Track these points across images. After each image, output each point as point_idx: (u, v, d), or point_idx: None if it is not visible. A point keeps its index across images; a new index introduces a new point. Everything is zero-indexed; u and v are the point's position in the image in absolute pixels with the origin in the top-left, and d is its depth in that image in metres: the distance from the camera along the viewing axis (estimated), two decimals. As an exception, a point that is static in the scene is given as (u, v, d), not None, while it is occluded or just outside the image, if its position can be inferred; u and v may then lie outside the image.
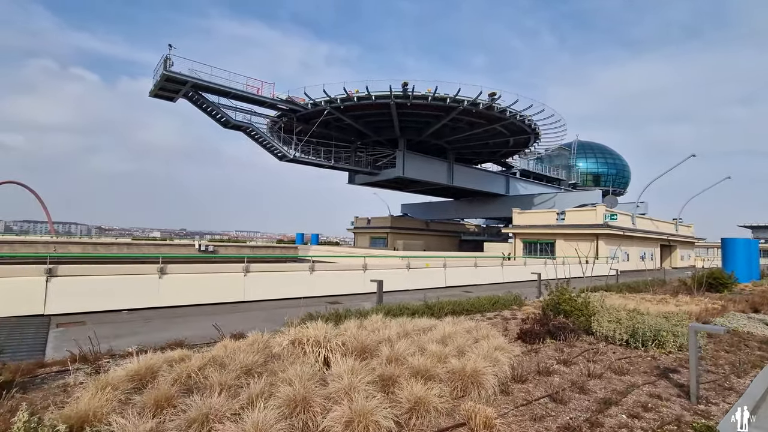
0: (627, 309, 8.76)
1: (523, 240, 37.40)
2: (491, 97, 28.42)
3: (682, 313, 8.71)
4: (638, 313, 8.10)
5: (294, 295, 12.84)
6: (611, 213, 31.73)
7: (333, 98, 28.92)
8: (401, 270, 16.19)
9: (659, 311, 8.99)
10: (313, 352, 4.48)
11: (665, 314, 8.22)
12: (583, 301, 7.31)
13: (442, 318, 7.82)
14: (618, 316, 7.14)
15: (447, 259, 18.59)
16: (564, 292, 7.64)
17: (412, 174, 36.55)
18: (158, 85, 26.18)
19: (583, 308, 7.10)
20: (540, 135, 36.36)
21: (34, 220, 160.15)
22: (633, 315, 7.65)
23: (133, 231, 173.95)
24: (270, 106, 30.39)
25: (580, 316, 7.04)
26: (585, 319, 7.01)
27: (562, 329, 6.49)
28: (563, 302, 7.30)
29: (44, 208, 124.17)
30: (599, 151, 64.07)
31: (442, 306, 8.73)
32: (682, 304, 11.32)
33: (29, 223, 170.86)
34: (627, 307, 8.93)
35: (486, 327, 6.69)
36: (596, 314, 7.01)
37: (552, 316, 7.36)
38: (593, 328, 6.82)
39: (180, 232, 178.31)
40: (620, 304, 10.19)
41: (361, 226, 57.98)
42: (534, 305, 10.42)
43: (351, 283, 14.22)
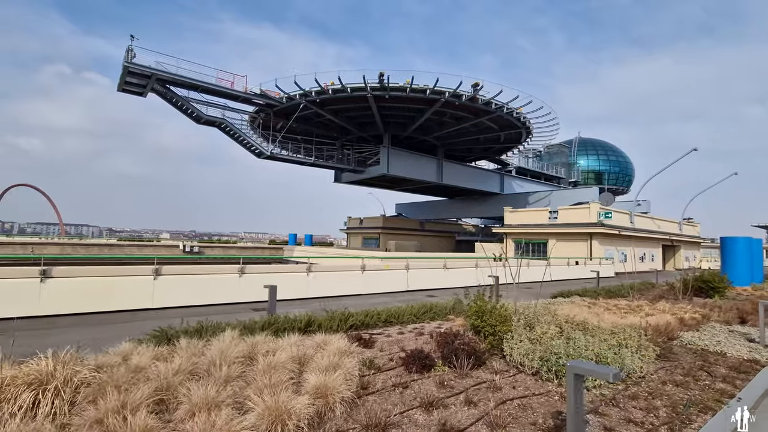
0: (573, 322, 7.18)
1: (515, 240, 35.61)
2: (474, 88, 26.79)
3: (639, 327, 7.09)
4: (584, 328, 6.52)
5: (221, 300, 11.46)
6: (606, 211, 29.84)
7: (307, 91, 27.52)
8: (354, 273, 14.68)
9: (616, 324, 7.37)
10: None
11: (621, 328, 6.62)
12: (499, 314, 5.71)
13: (334, 332, 6.31)
14: (544, 333, 5.56)
15: (410, 261, 17.04)
16: (479, 300, 6.07)
17: (397, 171, 34.99)
18: (122, 78, 25.04)
19: (497, 323, 5.52)
20: (532, 130, 34.55)
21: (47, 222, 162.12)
22: (573, 331, 6.07)
23: (143, 233, 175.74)
24: (244, 101, 29.11)
25: (490, 334, 5.47)
26: (496, 337, 5.44)
27: (456, 352, 4.92)
28: (476, 315, 5.74)
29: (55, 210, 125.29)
30: (601, 147, 61.86)
31: (348, 317, 7.20)
32: (655, 313, 9.65)
33: (42, 225, 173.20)
34: (574, 319, 7.34)
35: (359, 351, 5.17)
36: (511, 332, 5.42)
37: (465, 333, 5.81)
38: (505, 350, 5.23)
39: (190, 233, 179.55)
40: (575, 314, 8.58)
41: (353, 226, 56.55)
42: None
43: (291, 287, 12.76)
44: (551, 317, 7.20)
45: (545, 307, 8.65)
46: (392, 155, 34.67)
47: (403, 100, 28.18)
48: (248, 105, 30.73)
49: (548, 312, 8.14)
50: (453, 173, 39.76)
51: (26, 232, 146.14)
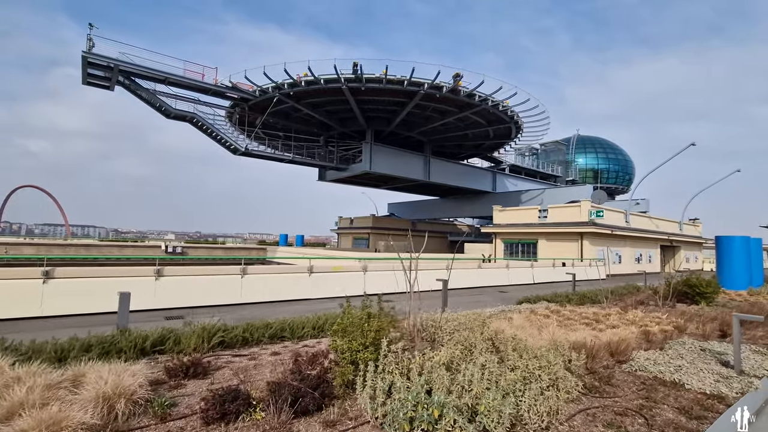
0: (498, 339, 5.72)
1: (504, 240, 34.00)
2: (455, 79, 25.30)
3: (585, 346, 5.61)
4: (502, 350, 5.06)
5: (137, 306, 10.07)
6: (597, 209, 28.16)
7: (280, 84, 26.16)
8: (300, 276, 13.27)
9: (555, 342, 5.88)
10: None
11: (557, 345, 5.15)
12: (374, 334, 4.23)
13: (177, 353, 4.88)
14: (433, 360, 4.09)
15: (369, 262, 15.61)
16: (363, 310, 4.62)
17: (380, 169, 33.53)
18: (84, 69, 23.84)
19: (360, 347, 4.05)
20: (522, 125, 32.97)
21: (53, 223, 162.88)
22: (482, 354, 4.61)
23: (148, 234, 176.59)
24: (215, 94, 27.81)
25: (349, 362, 4.01)
26: (356, 366, 3.97)
27: (281, 390, 3.47)
28: (342, 333, 4.28)
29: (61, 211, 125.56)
30: (600, 145, 60.02)
31: (215, 332, 5.77)
32: (621, 324, 8.13)
33: (49, 226, 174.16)
34: (503, 335, 5.87)
35: (170, 386, 3.71)
36: (378, 359, 3.95)
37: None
38: (357, 388, 3.76)
39: (194, 234, 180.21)
40: (517, 327, 7.10)
41: (344, 226, 55.17)
42: None
43: (222, 292, 11.38)
44: (470, 333, 5.73)
45: (479, 319, 7.17)
46: (375, 152, 33.24)
47: (381, 93, 26.75)
48: (223, 99, 29.44)
49: (480, 325, 6.67)
50: (441, 171, 38.24)
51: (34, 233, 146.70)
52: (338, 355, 4.11)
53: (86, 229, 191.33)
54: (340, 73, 24.47)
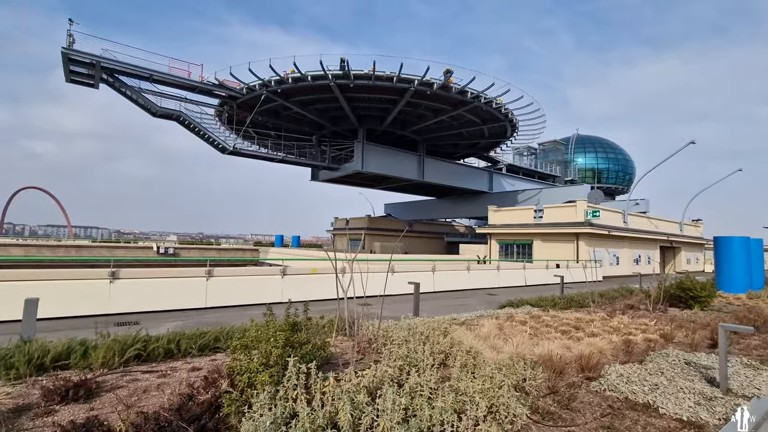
0: (455, 351, 5.05)
1: (499, 241, 33.25)
2: (446, 75, 24.62)
3: (550, 359, 4.93)
4: (446, 366, 4.38)
5: (88, 311, 9.47)
6: (593, 209, 27.39)
7: (267, 81, 25.55)
8: (272, 278, 12.61)
9: (517, 355, 5.20)
10: None
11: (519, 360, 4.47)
12: (279, 350, 3.54)
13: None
14: (352, 384, 3.42)
15: (347, 264, 14.93)
16: (269, 319, 3.94)
17: (373, 168, 32.88)
18: (65, 66, 23.32)
19: (259, 368, 3.37)
20: (517, 123, 32.26)
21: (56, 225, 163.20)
22: (426, 372, 3.93)
23: (151, 235, 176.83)
24: (202, 92, 27.25)
25: (247, 385, 3.33)
26: (249, 391, 3.29)
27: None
28: (242, 348, 3.60)
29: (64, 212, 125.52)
30: (600, 145, 59.17)
31: (127, 345, 5.09)
32: (602, 333, 7.44)
33: (53, 228, 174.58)
34: (462, 345, 5.19)
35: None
36: (275, 384, 3.26)
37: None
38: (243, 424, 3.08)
39: (197, 235, 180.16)
40: (485, 335, 6.42)
41: (340, 227, 54.49)
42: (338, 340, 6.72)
43: (184, 296, 10.73)
44: (420, 346, 5.05)
45: (441, 327, 6.47)
46: (368, 151, 32.59)
47: (371, 90, 26.10)
48: (211, 97, 28.88)
49: (440, 334, 5.98)
50: (436, 170, 37.55)
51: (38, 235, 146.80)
52: (235, 376, 3.43)
53: (89, 231, 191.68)
54: (327, 69, 23.84)
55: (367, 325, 6.63)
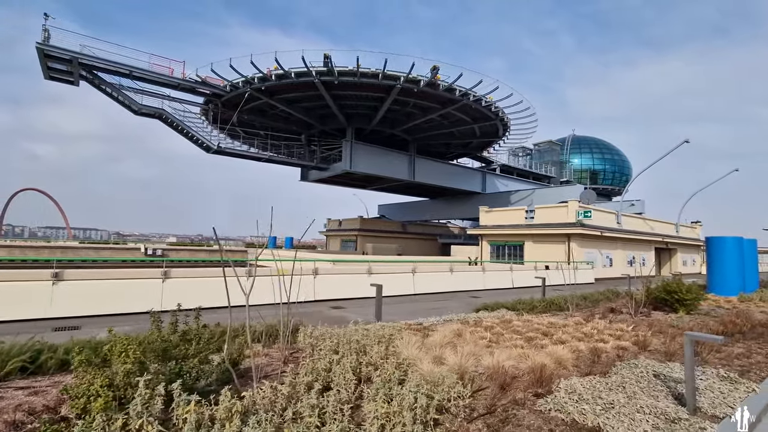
0: (386, 364, 4.42)
1: (490, 242, 32.60)
2: (432, 72, 24.03)
3: (497, 371, 4.29)
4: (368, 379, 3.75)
5: (27, 315, 8.85)
6: (585, 210, 26.76)
7: (250, 78, 24.95)
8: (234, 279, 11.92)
9: (459, 368, 4.58)
10: None
11: (456, 373, 3.84)
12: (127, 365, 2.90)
13: None
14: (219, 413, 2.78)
15: (321, 264, 14.35)
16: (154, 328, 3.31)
17: (362, 168, 32.26)
18: (42, 63, 22.74)
19: (98, 390, 2.73)
20: (508, 122, 31.65)
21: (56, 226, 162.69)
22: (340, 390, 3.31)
23: (151, 236, 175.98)
24: (184, 89, 26.64)
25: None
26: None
27: None
28: (82, 365, 2.96)
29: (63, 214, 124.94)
30: (596, 146, 58.60)
31: (9, 356, 4.46)
32: (571, 340, 6.80)
33: (52, 229, 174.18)
34: (397, 357, 4.56)
35: None
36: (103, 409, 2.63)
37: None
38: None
39: (196, 237, 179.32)
40: (432, 343, 5.79)
41: (333, 228, 53.82)
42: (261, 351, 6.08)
43: (139, 298, 10.09)
44: (349, 357, 4.41)
45: (382, 335, 5.82)
46: (356, 150, 31.98)
47: (357, 87, 25.50)
48: (195, 95, 28.28)
49: (380, 342, 5.34)
50: (427, 171, 36.93)
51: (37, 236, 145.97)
52: (70, 402, 2.79)
53: (88, 232, 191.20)
54: (310, 65, 23.25)
55: (307, 333, 5.98)
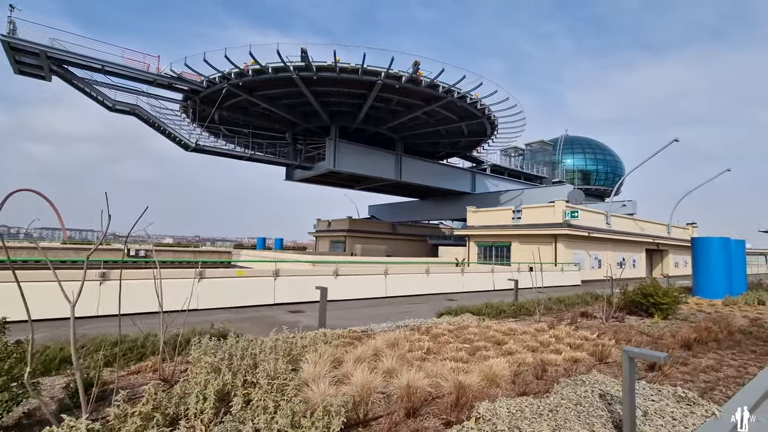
0: (268, 386, 3.65)
1: (478, 243, 31.90)
2: (414, 67, 23.34)
3: (410, 392, 3.55)
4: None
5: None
6: (572, 210, 26.09)
7: (227, 74, 24.21)
8: (188, 281, 11.17)
9: (364, 387, 3.82)
10: None
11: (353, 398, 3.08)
12: None
13: None
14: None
15: (283, 265, 13.60)
16: None
17: (346, 167, 31.53)
18: (10, 57, 21.93)
19: None
20: (495, 121, 30.98)
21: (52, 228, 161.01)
22: None
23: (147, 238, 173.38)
24: (160, 85, 25.84)
25: None
26: None
27: None
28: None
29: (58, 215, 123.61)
30: (588, 146, 58.07)
31: None
32: (522, 350, 6.08)
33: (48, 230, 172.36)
34: (285, 375, 3.79)
35: None
36: None
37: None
38: None
39: (193, 238, 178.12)
40: (356, 356, 5.04)
41: (322, 229, 53.05)
42: None
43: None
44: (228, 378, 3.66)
45: (291, 346, 5.06)
46: (340, 149, 31.24)
47: (337, 83, 24.79)
48: (173, 91, 27.46)
49: (287, 355, 4.59)
50: (414, 170, 36.22)
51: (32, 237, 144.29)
52: None
53: (85, 233, 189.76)
54: (287, 60, 22.50)
55: (203, 345, 5.20)
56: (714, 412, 4.01)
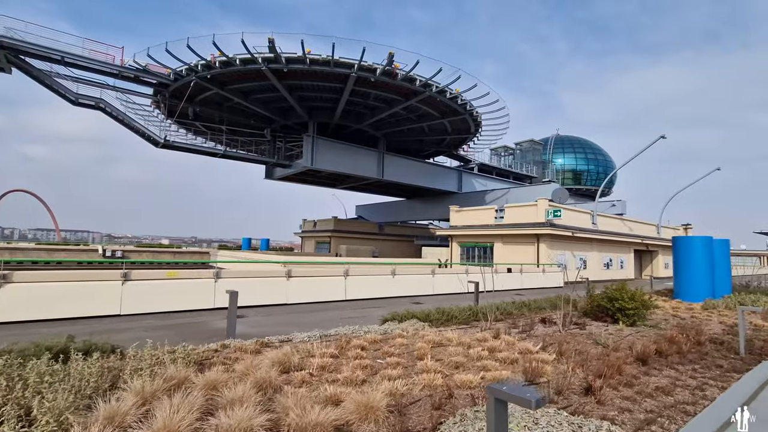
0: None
1: (461, 244, 30.89)
2: (389, 59, 22.32)
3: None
4: None
5: None
6: (554, 209, 25.11)
7: (193, 66, 23.12)
8: (113, 284, 10.10)
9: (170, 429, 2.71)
10: None
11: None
12: None
13: None
14: None
15: (229, 266, 12.53)
16: None
17: (325, 165, 30.46)
18: (-40, 47, 20.78)
19: None
20: (478, 117, 29.99)
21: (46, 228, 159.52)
22: None
23: (143, 239, 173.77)
24: (127, 78, 24.71)
25: None
26: None
27: None
28: None
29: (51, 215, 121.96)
30: (579, 145, 57.24)
31: None
32: (443, 369, 5.05)
33: (42, 231, 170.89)
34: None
35: None
36: None
37: None
38: None
39: (190, 239, 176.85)
40: (206, 380, 3.96)
41: (308, 229, 51.94)
42: None
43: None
44: None
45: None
46: (319, 146, 30.17)
47: (309, 75, 23.74)
48: (140, 85, 26.31)
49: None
50: (398, 168, 35.18)
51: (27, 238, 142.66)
52: None
53: (79, 234, 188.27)
54: (254, 51, 21.43)
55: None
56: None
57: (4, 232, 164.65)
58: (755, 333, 8.31)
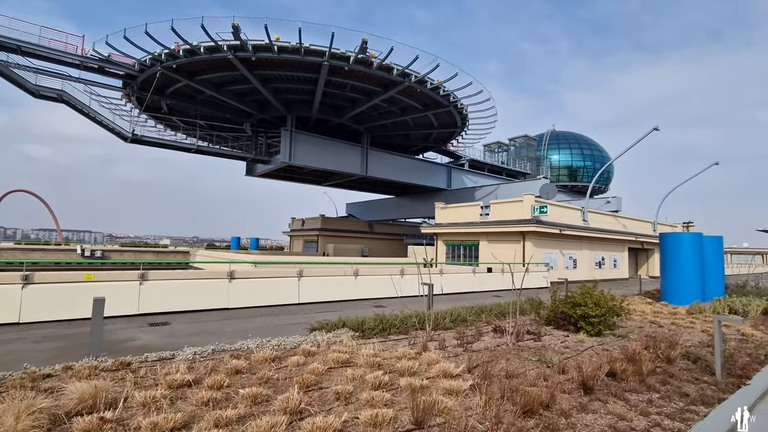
0: None
1: (446, 242, 29.61)
2: (362, 47, 21.03)
3: None
4: None
5: None
6: (541, 205, 23.78)
7: (157, 55, 21.90)
8: (12, 287, 8.90)
9: None
10: None
11: None
12: None
13: None
14: None
15: (148, 270, 11.33)
16: None
17: (305, 161, 29.22)
18: None
19: None
20: (463, 110, 28.67)
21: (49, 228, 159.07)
22: None
23: (144, 239, 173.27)
24: (90, 69, 23.50)
25: None
26: None
27: None
28: None
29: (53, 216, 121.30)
30: (575, 141, 55.75)
31: None
32: (305, 406, 3.77)
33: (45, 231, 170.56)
34: None
35: None
36: None
37: None
38: None
39: (192, 239, 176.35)
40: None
41: (296, 228, 50.70)
42: None
43: None
44: None
45: None
46: (298, 141, 28.92)
47: (280, 64, 22.48)
48: (106, 76, 25.07)
49: None
50: (383, 164, 33.88)
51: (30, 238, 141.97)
52: None
53: (81, 234, 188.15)
54: (217, 38, 20.18)
55: None
56: None
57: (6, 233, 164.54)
58: (741, 345, 7.04)
